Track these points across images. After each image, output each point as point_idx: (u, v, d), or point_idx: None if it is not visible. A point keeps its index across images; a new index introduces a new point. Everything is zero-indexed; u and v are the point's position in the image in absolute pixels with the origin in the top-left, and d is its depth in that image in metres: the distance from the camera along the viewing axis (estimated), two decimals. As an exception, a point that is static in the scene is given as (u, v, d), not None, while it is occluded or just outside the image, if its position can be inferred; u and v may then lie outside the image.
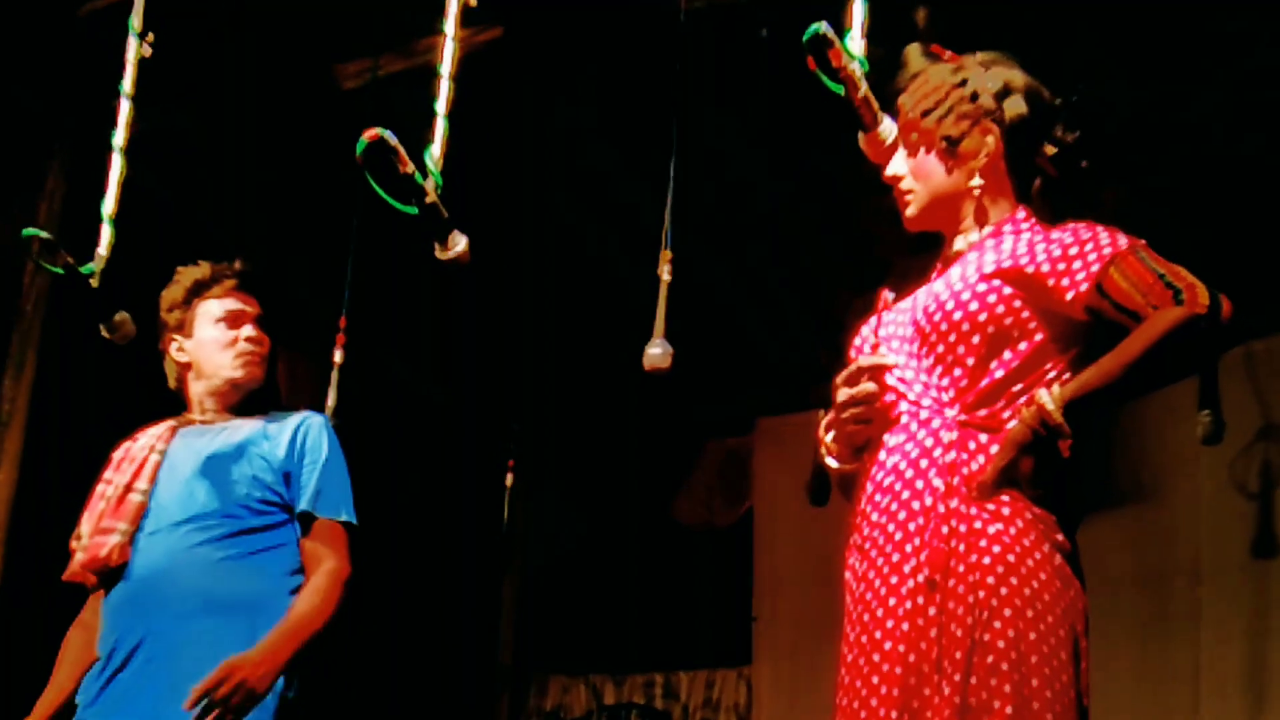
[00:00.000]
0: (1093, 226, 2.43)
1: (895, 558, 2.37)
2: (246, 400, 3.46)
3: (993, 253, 2.48)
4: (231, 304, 3.47)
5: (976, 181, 2.55)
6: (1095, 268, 2.35)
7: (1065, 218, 2.50)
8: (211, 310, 3.46)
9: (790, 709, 6.62)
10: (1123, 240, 2.39)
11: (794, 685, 6.49)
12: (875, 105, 2.58)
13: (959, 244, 2.58)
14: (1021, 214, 2.55)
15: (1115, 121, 4.71)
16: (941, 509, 2.34)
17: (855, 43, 2.57)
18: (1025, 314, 2.41)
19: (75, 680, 3.30)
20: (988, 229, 2.54)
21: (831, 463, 2.61)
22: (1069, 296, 2.37)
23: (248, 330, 3.47)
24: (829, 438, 2.60)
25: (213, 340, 3.45)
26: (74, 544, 3.35)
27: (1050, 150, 2.57)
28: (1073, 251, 2.39)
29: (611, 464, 7.56)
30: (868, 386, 2.47)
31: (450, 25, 3.15)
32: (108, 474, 3.42)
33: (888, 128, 2.61)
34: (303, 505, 3.30)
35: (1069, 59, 4.41)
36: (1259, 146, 5.06)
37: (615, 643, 7.50)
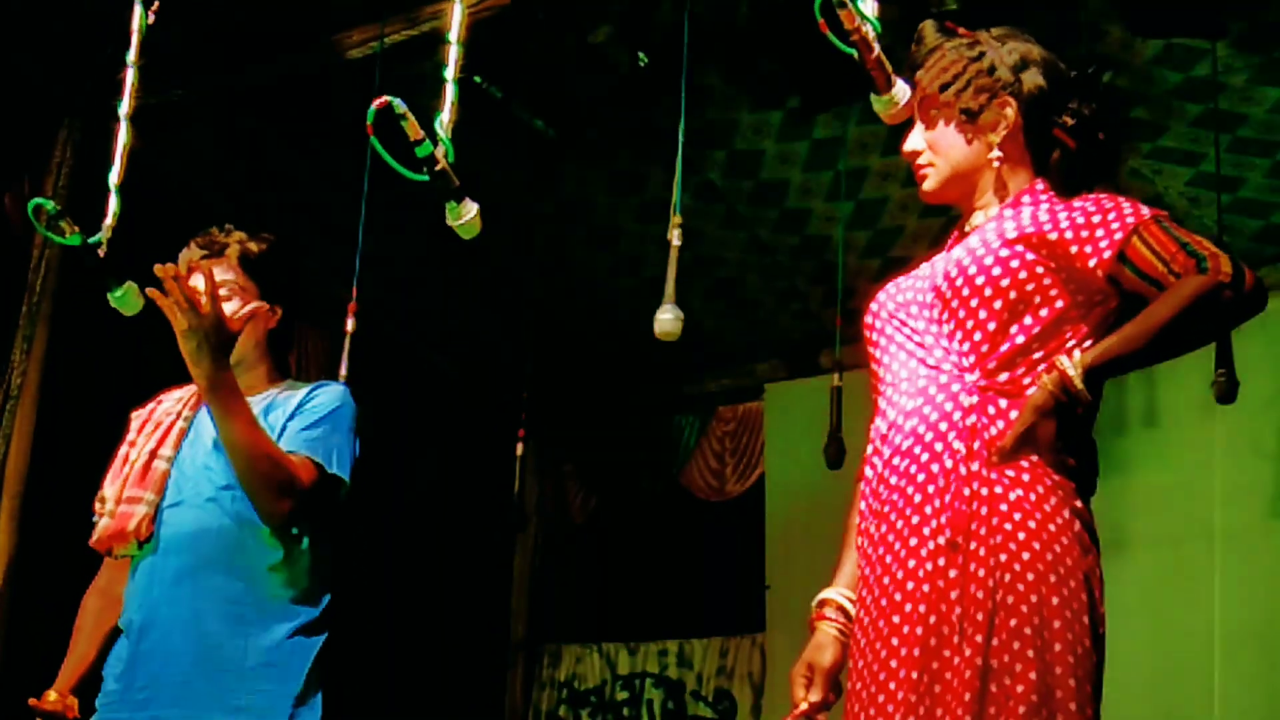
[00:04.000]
0: (1114, 197, 2.44)
1: (915, 520, 2.37)
2: (256, 372, 3.41)
3: (1012, 221, 2.49)
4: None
5: (995, 154, 2.56)
6: (1118, 235, 2.37)
7: (1083, 189, 2.51)
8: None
9: (804, 676, 6.62)
10: (1145, 210, 2.40)
11: (808, 652, 6.49)
12: (888, 67, 2.56)
13: (977, 218, 2.59)
14: (1040, 185, 2.56)
15: (1126, 78, 4.70)
16: (963, 471, 2.34)
17: (867, 5, 2.56)
18: (1047, 280, 2.42)
19: (96, 647, 3.29)
20: (1007, 200, 2.56)
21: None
22: (1091, 263, 2.38)
23: None
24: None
25: None
26: (97, 506, 3.32)
27: (1069, 122, 2.58)
28: (1095, 219, 2.40)
29: (622, 432, 7.56)
30: None
31: (457, -9, 3.13)
32: (130, 436, 3.39)
33: (900, 90, 2.60)
34: (284, 444, 3.15)
35: (1080, 15, 4.39)
36: (1273, 104, 5.05)
37: (628, 612, 7.52)
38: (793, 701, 2.55)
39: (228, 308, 3.25)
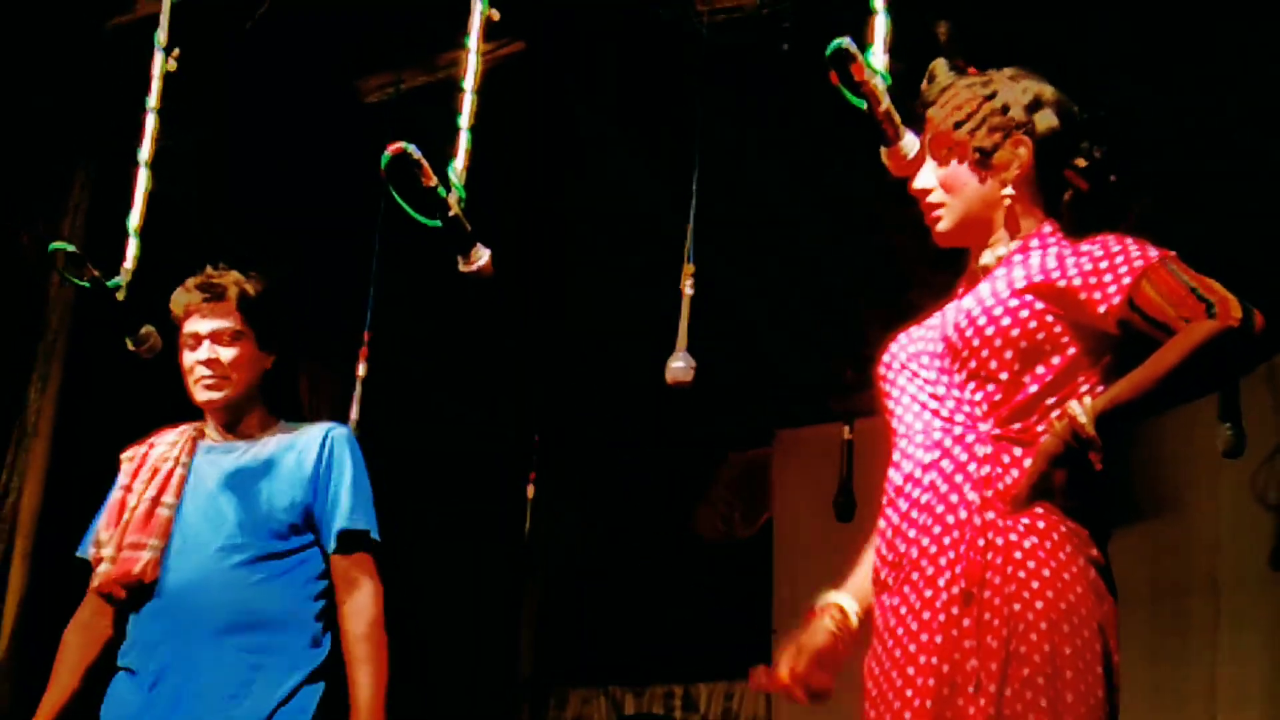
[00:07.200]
0: (1122, 239, 2.43)
1: (930, 571, 2.37)
2: (252, 416, 3.43)
3: (1021, 268, 2.48)
4: (191, 325, 3.37)
5: (1008, 191, 2.55)
6: (1126, 280, 2.35)
7: (1093, 231, 2.50)
8: (183, 332, 3.39)
9: (810, 721, 6.61)
10: (1153, 252, 2.38)
11: (814, 698, 6.47)
12: (897, 119, 2.57)
13: (986, 258, 2.58)
14: (1048, 228, 2.55)
15: (1140, 130, 4.71)
16: (977, 522, 2.34)
17: (878, 57, 2.58)
18: (1058, 328, 2.41)
19: (78, 682, 3.30)
20: (1015, 243, 2.54)
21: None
22: (1101, 310, 2.37)
23: (201, 353, 3.35)
24: None
25: (185, 365, 3.39)
26: (94, 551, 3.34)
27: (1081, 163, 2.58)
28: (1103, 265, 2.39)
29: (632, 476, 7.57)
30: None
31: (473, 39, 3.16)
32: (123, 479, 3.38)
33: (909, 142, 2.61)
34: (338, 524, 3.27)
35: (1092, 70, 4.41)
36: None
37: (635, 654, 7.51)
38: (777, 673, 2.62)
39: (226, 354, 3.29)
